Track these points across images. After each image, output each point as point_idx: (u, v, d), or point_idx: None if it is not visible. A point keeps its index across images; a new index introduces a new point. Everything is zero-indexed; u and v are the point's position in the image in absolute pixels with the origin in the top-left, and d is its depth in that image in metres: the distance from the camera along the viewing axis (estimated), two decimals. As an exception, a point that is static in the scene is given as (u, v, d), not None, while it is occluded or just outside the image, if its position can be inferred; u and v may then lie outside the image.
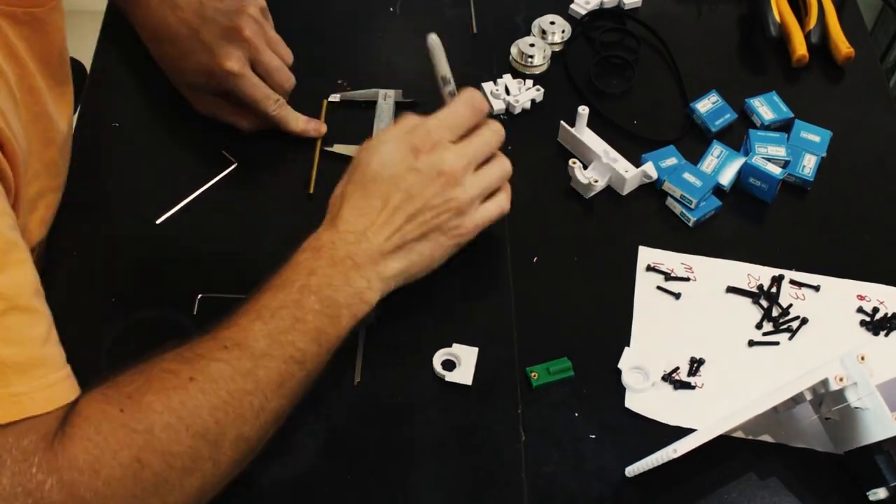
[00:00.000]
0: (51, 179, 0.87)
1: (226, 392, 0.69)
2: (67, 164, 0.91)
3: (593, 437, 0.80)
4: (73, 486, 0.62)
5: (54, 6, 0.83)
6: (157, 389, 0.67)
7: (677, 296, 0.89)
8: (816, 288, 0.90)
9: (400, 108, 1.02)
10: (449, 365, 0.84)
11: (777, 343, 0.87)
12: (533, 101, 1.04)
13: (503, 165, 0.86)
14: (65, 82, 0.89)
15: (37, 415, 0.63)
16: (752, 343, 0.87)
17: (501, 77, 1.05)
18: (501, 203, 0.86)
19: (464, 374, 0.83)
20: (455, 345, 0.84)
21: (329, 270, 0.77)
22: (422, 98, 1.03)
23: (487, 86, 1.04)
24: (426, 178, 0.81)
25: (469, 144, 0.84)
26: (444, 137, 0.83)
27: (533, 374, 0.83)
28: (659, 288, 0.90)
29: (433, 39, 0.87)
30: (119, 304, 0.86)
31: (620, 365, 0.84)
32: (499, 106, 1.03)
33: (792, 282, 0.90)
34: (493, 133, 0.86)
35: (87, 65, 1.08)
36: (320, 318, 0.75)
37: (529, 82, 1.04)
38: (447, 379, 0.82)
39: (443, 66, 0.88)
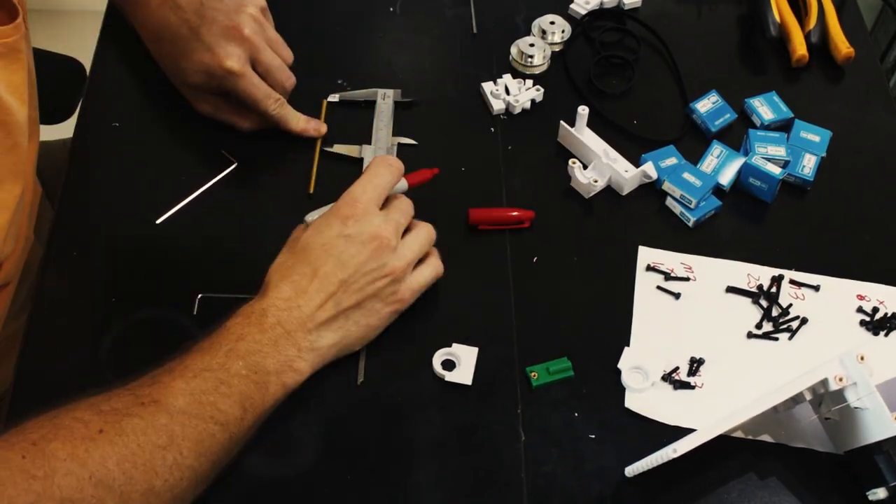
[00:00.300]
0: (15, 213, 0.88)
1: (136, 444, 0.67)
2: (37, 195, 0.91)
3: (593, 436, 0.80)
4: None
5: (24, 33, 0.84)
6: (63, 437, 0.66)
7: (677, 296, 0.89)
8: (816, 288, 0.90)
9: (399, 108, 1.02)
10: (449, 365, 0.84)
11: (776, 339, 0.87)
12: (533, 101, 1.04)
13: (429, 230, 0.86)
14: (34, 108, 0.89)
15: None
16: (750, 335, 0.87)
17: (501, 77, 1.05)
18: (436, 266, 0.86)
19: (463, 373, 0.83)
20: (455, 345, 0.85)
21: (258, 336, 0.76)
22: (421, 97, 1.03)
23: (487, 86, 1.04)
24: (357, 243, 0.80)
25: (393, 210, 0.84)
26: (371, 201, 0.82)
27: (533, 373, 0.83)
28: (659, 288, 0.90)
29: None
30: (119, 304, 0.86)
31: (620, 365, 0.84)
32: (499, 106, 1.03)
33: (792, 282, 0.90)
34: (408, 204, 0.86)
35: (87, 65, 1.08)
36: (246, 383, 0.74)
37: (529, 82, 1.04)
38: (447, 379, 0.82)
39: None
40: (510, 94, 1.03)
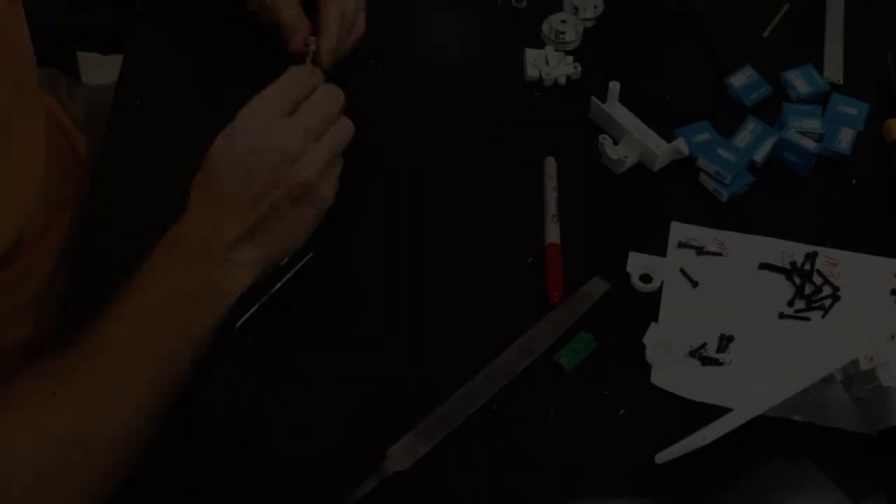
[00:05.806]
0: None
1: (90, 398, 0.69)
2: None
3: (622, 413, 0.80)
4: None
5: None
6: (17, 408, 0.67)
7: (708, 272, 0.88)
8: (849, 266, 0.89)
9: (432, 86, 1.01)
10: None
11: (808, 319, 0.86)
12: (568, 77, 1.02)
13: (333, 96, 0.79)
14: (35, 107, 0.84)
15: None
16: (782, 315, 0.86)
17: (544, 48, 1.04)
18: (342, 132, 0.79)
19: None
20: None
21: (183, 266, 0.74)
22: (452, 73, 1.02)
23: (531, 52, 1.03)
24: (259, 158, 0.75)
25: (302, 113, 0.77)
26: (271, 109, 0.77)
27: (562, 359, 0.82)
28: (681, 273, 0.88)
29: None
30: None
31: (645, 340, 0.83)
32: (532, 72, 1.02)
33: (826, 258, 0.89)
34: (328, 97, 0.79)
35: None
36: (182, 313, 0.73)
37: (569, 58, 1.03)
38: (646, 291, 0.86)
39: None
40: (549, 64, 1.02)
